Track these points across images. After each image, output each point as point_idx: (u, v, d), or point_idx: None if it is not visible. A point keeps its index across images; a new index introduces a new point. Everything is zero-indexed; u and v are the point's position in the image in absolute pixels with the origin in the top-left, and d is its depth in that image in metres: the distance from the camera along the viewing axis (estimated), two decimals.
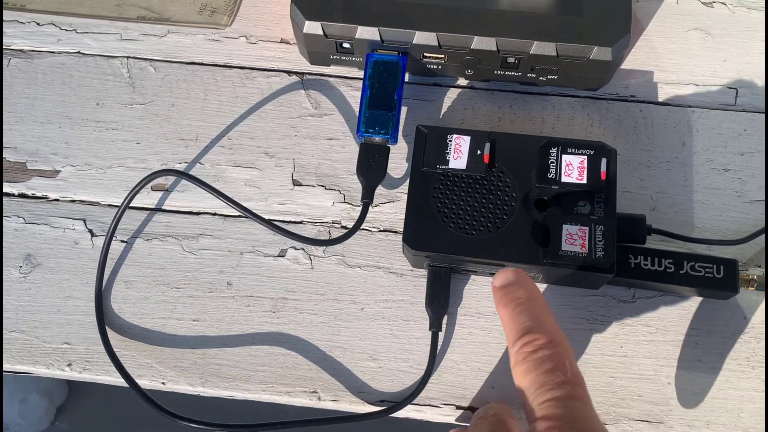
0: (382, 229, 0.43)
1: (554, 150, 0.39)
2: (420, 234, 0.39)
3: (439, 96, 0.46)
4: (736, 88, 0.45)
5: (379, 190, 0.44)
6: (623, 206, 0.42)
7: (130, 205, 0.44)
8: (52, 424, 1.10)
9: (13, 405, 1.04)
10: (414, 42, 0.42)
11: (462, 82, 0.46)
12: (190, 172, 0.44)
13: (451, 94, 0.46)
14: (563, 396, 0.28)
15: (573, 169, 0.39)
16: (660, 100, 0.45)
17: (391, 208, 0.44)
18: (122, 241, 0.43)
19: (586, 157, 0.39)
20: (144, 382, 0.40)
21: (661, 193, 0.43)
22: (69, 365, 0.41)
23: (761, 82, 0.45)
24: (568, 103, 0.45)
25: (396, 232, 0.43)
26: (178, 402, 0.38)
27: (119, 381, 0.40)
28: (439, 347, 0.40)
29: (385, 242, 0.43)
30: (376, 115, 0.42)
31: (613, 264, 0.37)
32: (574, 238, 0.37)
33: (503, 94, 0.46)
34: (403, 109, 0.45)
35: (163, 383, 0.40)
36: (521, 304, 0.32)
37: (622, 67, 0.46)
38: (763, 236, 0.41)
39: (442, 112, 0.46)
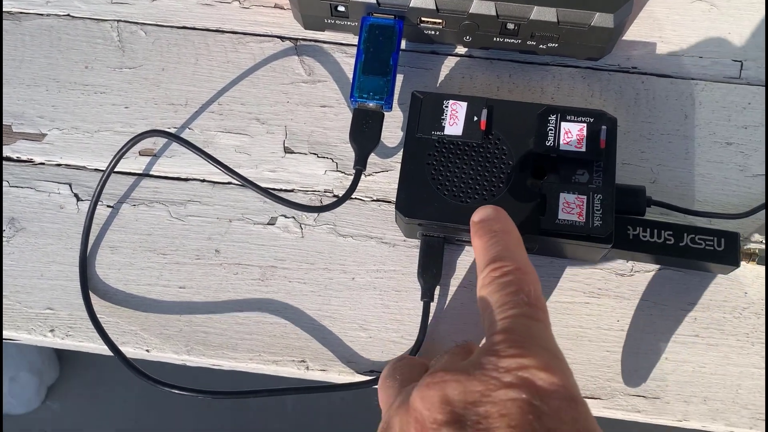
0: (375, 198, 0.42)
1: (553, 117, 0.38)
2: (413, 201, 0.38)
3: (437, 64, 0.45)
4: (741, 61, 0.44)
5: (373, 159, 0.43)
6: (623, 178, 0.41)
7: (117, 169, 0.43)
8: (43, 404, 1.10)
9: (3, 382, 1.04)
10: (411, 5, 0.41)
11: (460, 50, 0.45)
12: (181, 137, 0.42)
13: (449, 63, 0.45)
14: (523, 314, 0.27)
15: (572, 136, 0.38)
16: (662, 72, 0.44)
17: (385, 177, 0.42)
18: (108, 206, 0.42)
19: (585, 124, 0.38)
20: (128, 350, 0.39)
21: (661, 166, 0.42)
22: (51, 331, 0.40)
23: None
24: (569, 74, 0.44)
25: (389, 201, 0.42)
26: (169, 374, 0.37)
27: (102, 348, 0.39)
28: (430, 318, 0.39)
29: (378, 212, 0.42)
30: (371, 80, 0.41)
31: (611, 234, 0.36)
32: (571, 207, 0.36)
33: (502, 63, 0.45)
34: (400, 77, 0.44)
35: (147, 350, 0.39)
36: (496, 235, 0.31)
37: (624, 38, 0.45)
38: (765, 211, 0.40)
39: (439, 81, 0.44)
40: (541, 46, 0.43)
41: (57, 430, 1.10)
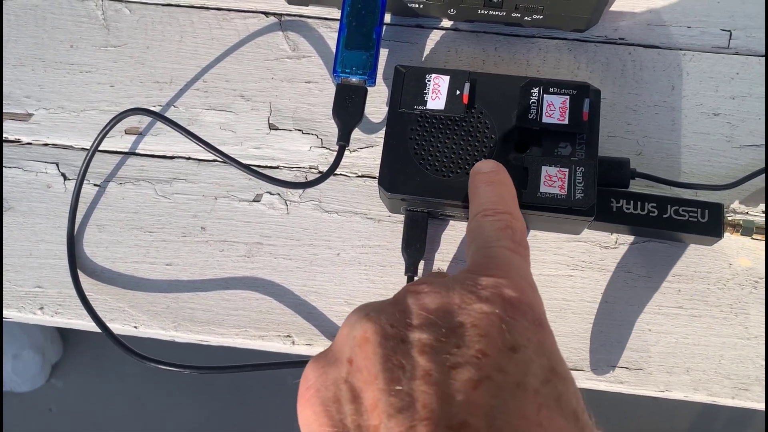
0: (359, 174, 0.42)
1: (536, 90, 0.38)
2: (396, 176, 0.37)
3: (422, 38, 0.44)
4: (729, 31, 0.44)
5: (358, 135, 0.43)
6: (608, 151, 0.41)
7: (104, 148, 0.43)
8: (48, 382, 1.11)
9: (6, 360, 1.05)
10: None
11: (446, 23, 0.45)
12: (164, 116, 0.42)
13: (434, 36, 0.45)
14: (507, 248, 0.28)
15: (555, 109, 0.37)
16: (650, 42, 0.44)
17: (370, 153, 0.42)
18: (95, 185, 0.43)
19: (568, 97, 0.38)
20: (116, 326, 0.40)
21: (647, 138, 0.42)
22: (41, 308, 0.40)
23: (756, 24, 0.43)
24: (555, 46, 0.44)
25: (374, 177, 0.42)
26: (162, 352, 0.37)
27: (90, 325, 0.39)
28: None
29: (362, 188, 0.42)
30: (354, 54, 0.40)
31: (592, 206, 0.36)
32: (553, 180, 0.36)
33: (488, 36, 0.44)
34: (384, 52, 0.44)
35: (135, 327, 0.40)
36: (492, 186, 0.32)
37: (611, 9, 0.44)
38: (751, 182, 0.40)
39: (424, 55, 0.44)
40: (526, 18, 0.42)
41: (62, 407, 1.12)
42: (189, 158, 0.43)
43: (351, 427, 0.23)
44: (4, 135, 0.44)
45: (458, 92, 0.38)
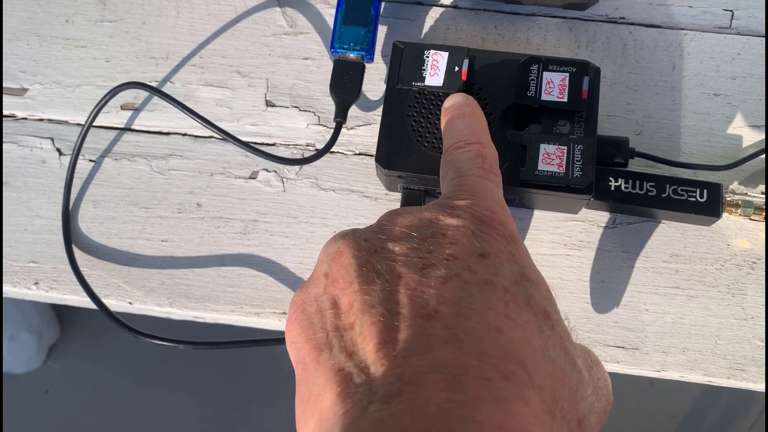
0: (357, 152, 0.42)
1: (535, 67, 0.38)
2: (393, 153, 0.37)
3: (421, 15, 0.44)
4: (731, 10, 0.43)
5: (356, 112, 0.42)
6: (608, 130, 0.41)
7: (99, 124, 0.43)
8: (44, 364, 1.11)
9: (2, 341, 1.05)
10: None
11: (445, 0, 0.44)
12: (160, 90, 0.42)
13: (434, 13, 0.44)
14: (478, 175, 0.28)
15: (554, 87, 0.37)
16: (651, 22, 0.43)
17: (368, 131, 0.42)
18: (91, 161, 0.42)
19: (567, 74, 0.37)
20: (111, 302, 0.39)
21: (647, 118, 0.41)
22: (36, 284, 0.40)
23: (758, 4, 0.43)
24: (555, 25, 0.43)
25: (372, 155, 0.42)
26: (159, 331, 0.37)
27: (85, 300, 0.39)
28: None
29: (360, 166, 0.42)
30: (352, 30, 0.40)
31: (590, 185, 0.35)
32: (551, 158, 0.36)
33: (488, 13, 0.44)
34: (383, 29, 0.44)
35: (130, 303, 0.40)
36: (463, 118, 0.32)
37: None
38: (751, 162, 0.39)
39: (423, 32, 0.44)
40: None
41: (59, 389, 1.12)
42: (185, 134, 0.42)
43: (330, 329, 0.23)
44: None
45: (457, 69, 0.38)
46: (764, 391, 0.37)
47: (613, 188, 0.38)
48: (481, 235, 0.24)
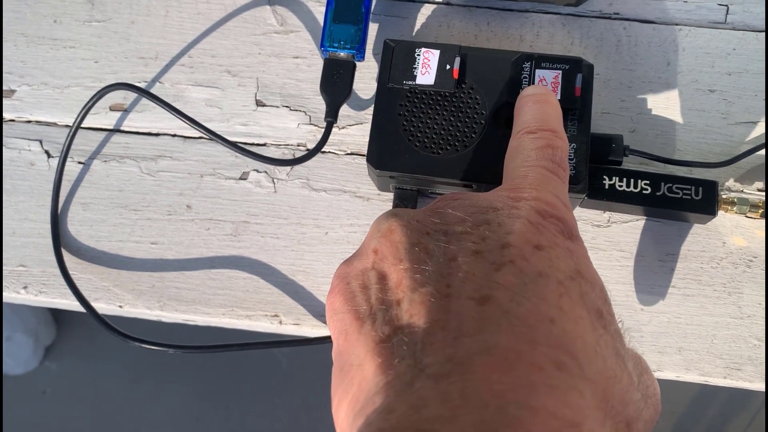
0: (349, 152, 0.41)
1: (527, 64, 0.37)
2: (384, 153, 0.37)
3: (413, 12, 0.44)
4: (726, 5, 0.43)
5: (348, 111, 0.42)
6: (602, 127, 0.40)
7: (88, 125, 0.42)
8: (41, 364, 1.11)
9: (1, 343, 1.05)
10: None
11: None
12: (148, 91, 0.42)
13: (426, 11, 0.44)
14: (545, 167, 0.27)
15: (547, 84, 0.37)
16: (645, 17, 0.43)
17: (359, 130, 0.42)
18: (79, 163, 0.42)
19: (560, 72, 0.37)
20: (101, 306, 0.39)
21: (642, 115, 0.41)
22: (25, 288, 0.40)
23: None
24: (549, 21, 0.43)
25: (363, 155, 0.41)
26: (152, 335, 0.37)
27: (75, 304, 0.39)
28: None
29: (352, 166, 0.41)
30: (342, 28, 0.39)
31: (584, 183, 0.35)
32: None
33: (480, 10, 0.43)
34: (374, 26, 0.43)
35: (120, 306, 0.39)
36: (537, 103, 0.31)
37: None
38: (747, 159, 0.39)
39: (415, 30, 0.43)
40: None
41: (56, 389, 1.12)
42: (174, 135, 0.42)
43: (375, 303, 0.23)
44: None
45: (448, 67, 0.37)
46: (764, 390, 0.37)
47: (607, 186, 0.37)
48: (538, 228, 0.24)
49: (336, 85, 0.39)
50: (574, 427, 0.19)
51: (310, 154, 0.39)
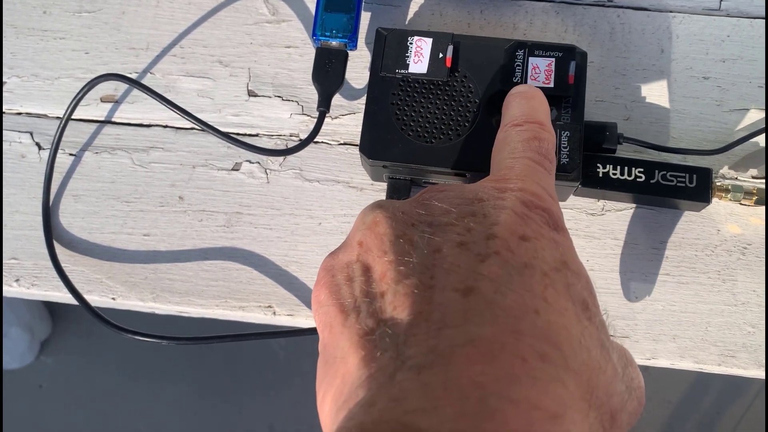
0: (341, 142, 0.41)
1: (521, 52, 0.37)
2: (377, 143, 0.36)
3: (405, 0, 0.43)
4: None
5: (340, 101, 0.42)
6: (596, 115, 0.40)
7: (79, 117, 0.42)
8: (37, 359, 1.11)
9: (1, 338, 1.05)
10: None
11: None
12: (139, 81, 0.41)
13: None
14: (531, 159, 0.27)
15: (540, 72, 0.36)
16: (639, 4, 0.42)
17: (352, 120, 0.41)
18: (71, 155, 0.41)
19: (554, 59, 0.37)
20: (93, 298, 0.39)
21: (636, 102, 0.41)
22: (17, 281, 0.40)
23: None
24: (542, 9, 0.43)
25: (356, 145, 0.41)
26: (148, 327, 0.37)
27: (68, 297, 0.39)
28: None
29: (344, 156, 0.41)
30: (334, 17, 0.39)
31: (578, 171, 0.35)
32: None
33: None
34: (368, 15, 0.43)
35: (113, 298, 0.39)
36: (525, 98, 0.31)
37: None
38: (741, 146, 0.39)
39: (408, 18, 0.43)
40: None
41: (53, 383, 1.12)
42: (166, 126, 0.42)
43: (359, 295, 0.23)
44: None
45: (441, 55, 0.37)
46: (758, 377, 0.37)
47: (601, 175, 0.37)
48: (524, 219, 0.24)
49: (328, 74, 0.39)
50: (556, 418, 0.19)
51: (303, 144, 0.38)
